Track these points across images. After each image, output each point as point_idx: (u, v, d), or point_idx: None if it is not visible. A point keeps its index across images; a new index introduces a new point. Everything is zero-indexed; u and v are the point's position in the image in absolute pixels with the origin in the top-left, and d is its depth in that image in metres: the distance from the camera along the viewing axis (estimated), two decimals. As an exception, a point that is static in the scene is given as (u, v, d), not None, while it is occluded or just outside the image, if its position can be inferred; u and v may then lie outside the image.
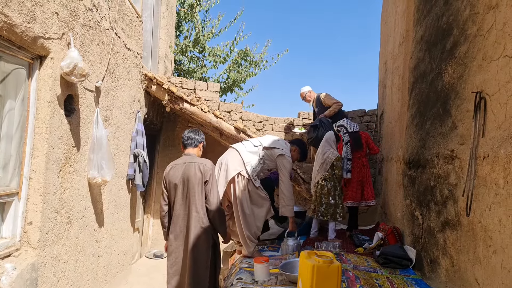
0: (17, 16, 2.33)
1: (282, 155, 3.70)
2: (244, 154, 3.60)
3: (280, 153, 3.70)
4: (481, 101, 1.94)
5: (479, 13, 2.08)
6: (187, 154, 3.24)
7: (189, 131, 3.35)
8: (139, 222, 5.71)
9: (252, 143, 3.77)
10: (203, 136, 3.36)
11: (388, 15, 5.64)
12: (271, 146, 3.71)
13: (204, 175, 3.07)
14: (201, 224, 3.00)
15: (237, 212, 3.47)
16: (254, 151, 3.66)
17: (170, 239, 3.08)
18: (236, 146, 3.75)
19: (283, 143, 3.86)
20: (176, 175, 3.14)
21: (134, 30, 4.66)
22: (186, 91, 5.58)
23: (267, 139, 3.85)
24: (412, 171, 3.30)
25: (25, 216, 2.67)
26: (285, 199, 3.61)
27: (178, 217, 3.07)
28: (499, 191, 1.69)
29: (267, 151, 3.69)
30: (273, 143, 3.76)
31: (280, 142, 3.85)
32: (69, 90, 3.05)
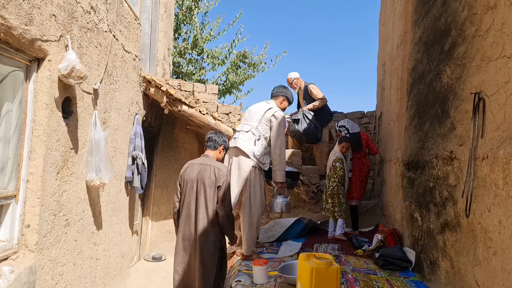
0: (14, 19, 2.33)
1: (273, 115, 3.46)
2: (246, 147, 3.39)
3: (272, 113, 3.46)
4: (480, 102, 1.94)
5: (477, 14, 2.08)
6: (205, 156, 3.25)
7: (211, 132, 3.37)
8: (137, 225, 5.69)
9: (243, 130, 3.51)
10: (224, 139, 3.33)
11: (386, 17, 5.65)
12: (259, 120, 3.48)
13: (218, 179, 3.06)
14: (210, 227, 3.01)
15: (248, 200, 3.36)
16: (249, 137, 3.43)
17: (178, 239, 3.10)
18: (234, 143, 3.50)
19: (265, 105, 3.59)
20: (191, 174, 3.14)
21: (132, 32, 4.65)
22: (184, 93, 5.57)
23: (252, 117, 3.55)
24: (411, 172, 3.30)
25: (22, 218, 2.65)
26: (275, 162, 3.36)
27: (188, 217, 3.08)
28: (498, 192, 1.69)
29: (260, 126, 3.47)
30: (259, 116, 3.50)
31: (261, 107, 3.58)
32: (67, 92, 3.04)
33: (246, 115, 3.67)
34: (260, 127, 3.43)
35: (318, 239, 4.27)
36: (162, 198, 6.25)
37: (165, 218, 6.22)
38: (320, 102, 5.59)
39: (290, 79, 5.90)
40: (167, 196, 6.24)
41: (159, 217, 6.24)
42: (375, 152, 4.87)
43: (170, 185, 6.26)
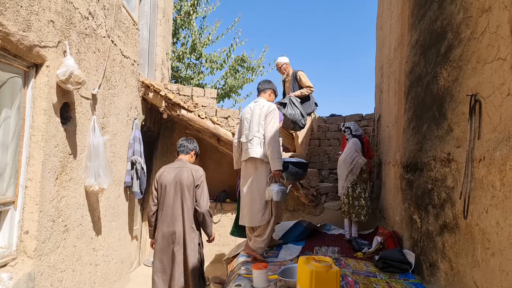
0: (12, 25, 2.34)
1: (267, 110, 3.48)
2: (258, 153, 3.42)
3: (266, 109, 3.48)
4: (476, 104, 1.95)
5: (473, 17, 2.10)
6: (179, 160, 3.59)
7: (182, 139, 3.71)
8: (137, 230, 5.68)
9: (249, 139, 3.50)
10: (195, 145, 3.71)
11: (383, 20, 5.68)
12: (259, 123, 3.49)
13: (195, 180, 3.44)
14: (191, 224, 3.43)
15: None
16: (257, 143, 3.44)
17: (158, 238, 3.43)
18: (247, 155, 3.49)
19: (258, 107, 3.58)
20: (168, 177, 3.45)
21: (130, 37, 4.67)
22: (183, 97, 5.58)
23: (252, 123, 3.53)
24: (410, 174, 3.30)
25: (21, 225, 2.65)
26: (274, 150, 3.36)
27: (167, 217, 3.39)
28: (495, 193, 1.69)
29: (261, 128, 3.47)
30: (257, 119, 3.50)
31: (255, 111, 3.55)
32: (65, 98, 3.05)
33: (244, 124, 3.64)
34: (261, 129, 3.49)
35: (318, 242, 4.26)
36: (161, 203, 6.24)
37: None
38: (308, 90, 5.58)
39: (279, 64, 5.85)
40: (167, 201, 6.23)
41: (159, 222, 6.23)
42: (371, 157, 4.98)
43: (169, 190, 6.25)
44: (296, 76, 5.67)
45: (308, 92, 5.58)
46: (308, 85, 5.58)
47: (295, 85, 5.67)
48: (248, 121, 3.59)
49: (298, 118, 5.39)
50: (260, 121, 3.48)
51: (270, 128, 3.42)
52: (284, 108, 5.44)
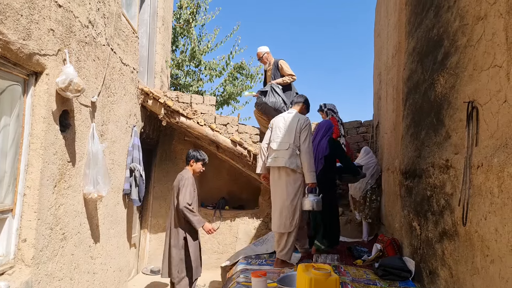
0: (12, 33, 2.35)
1: (303, 123, 3.72)
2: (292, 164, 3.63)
3: (302, 123, 3.72)
4: (473, 111, 1.96)
5: (469, 24, 2.12)
6: (185, 168, 4.34)
7: (190, 150, 4.40)
8: (135, 238, 5.65)
9: (282, 148, 3.69)
10: (194, 154, 4.29)
11: (381, 28, 5.72)
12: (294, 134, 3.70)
13: (180, 182, 4.09)
14: (176, 221, 4.09)
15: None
16: (291, 153, 3.66)
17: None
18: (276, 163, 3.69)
19: (293, 118, 3.80)
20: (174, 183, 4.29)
21: (130, 45, 4.70)
22: (182, 105, 5.60)
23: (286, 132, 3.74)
24: (409, 181, 3.30)
25: (19, 233, 2.64)
26: (307, 164, 3.63)
27: (168, 215, 4.31)
28: (494, 200, 1.70)
29: (295, 140, 3.69)
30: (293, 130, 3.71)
31: (291, 122, 3.77)
32: (65, 105, 3.05)
33: (276, 132, 3.83)
34: (295, 141, 3.69)
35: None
36: (160, 211, 6.22)
37: (164, 230, 6.17)
38: (290, 78, 5.57)
39: (260, 53, 5.83)
40: (165, 208, 6.21)
41: (158, 230, 6.20)
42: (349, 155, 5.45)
43: (168, 197, 6.23)
44: (277, 65, 5.66)
45: (290, 80, 5.58)
46: (290, 73, 5.57)
47: (277, 74, 5.66)
48: (281, 130, 3.80)
49: (281, 105, 5.38)
50: (295, 133, 3.70)
51: (305, 142, 3.67)
52: (265, 96, 5.43)
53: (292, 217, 3.57)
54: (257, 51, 5.91)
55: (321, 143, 4.25)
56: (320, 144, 4.24)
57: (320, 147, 4.22)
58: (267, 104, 5.40)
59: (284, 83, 5.56)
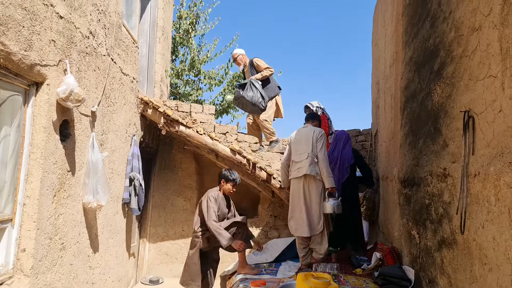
0: (14, 45, 2.38)
1: (319, 134, 4.08)
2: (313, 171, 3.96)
3: (317, 134, 4.06)
4: (470, 120, 1.98)
5: (464, 35, 2.15)
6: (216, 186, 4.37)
7: (223, 169, 4.35)
8: (134, 247, 5.63)
9: (303, 158, 4.01)
10: (224, 174, 4.23)
11: (378, 37, 5.78)
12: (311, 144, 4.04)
13: (202, 200, 4.10)
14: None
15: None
16: (310, 162, 3.97)
17: None
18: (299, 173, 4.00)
19: (309, 130, 4.14)
20: None
21: (130, 55, 4.74)
22: (181, 114, 5.62)
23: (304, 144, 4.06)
24: (408, 189, 3.31)
25: (18, 243, 2.64)
26: (325, 170, 3.97)
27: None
28: (491, 208, 1.71)
29: (313, 149, 4.02)
30: (310, 141, 4.05)
31: (308, 134, 4.10)
32: (65, 115, 3.08)
33: (295, 147, 4.18)
34: (313, 150, 4.04)
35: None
36: (159, 220, 6.20)
37: (163, 239, 6.16)
38: (268, 71, 5.64)
39: (235, 55, 5.94)
40: (165, 218, 6.20)
41: (157, 239, 6.18)
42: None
43: (167, 206, 6.22)
44: (253, 63, 5.76)
45: (268, 73, 5.65)
46: (268, 67, 5.65)
47: (254, 73, 5.76)
48: (299, 143, 4.14)
49: (258, 100, 5.46)
50: (312, 142, 4.06)
51: (321, 150, 4.02)
52: (243, 90, 5.48)
53: (318, 220, 3.95)
54: (233, 52, 5.99)
55: (344, 153, 4.58)
56: (343, 154, 4.57)
57: (344, 156, 4.55)
58: (245, 98, 5.45)
59: (263, 78, 5.63)
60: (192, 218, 6.11)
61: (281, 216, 5.92)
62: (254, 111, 5.77)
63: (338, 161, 4.49)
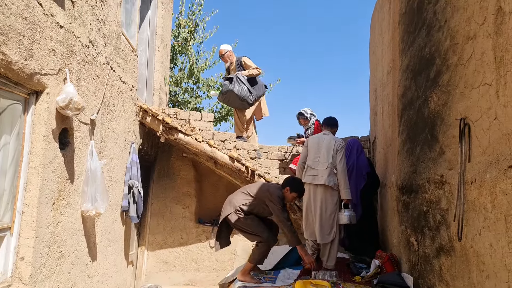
0: (14, 54, 2.41)
1: (340, 146, 4.13)
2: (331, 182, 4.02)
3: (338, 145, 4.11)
4: (465, 127, 2.00)
5: (459, 44, 2.19)
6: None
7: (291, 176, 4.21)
8: (133, 255, 5.61)
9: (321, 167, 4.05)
10: (292, 182, 3.85)
11: (376, 46, 5.84)
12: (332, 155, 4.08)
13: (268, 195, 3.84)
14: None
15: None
16: (329, 172, 4.03)
17: None
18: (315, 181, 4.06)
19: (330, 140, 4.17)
20: None
21: (129, 64, 4.77)
22: (180, 121, 5.64)
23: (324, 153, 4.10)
24: (406, 196, 3.33)
25: (17, 251, 2.63)
26: (343, 182, 4.05)
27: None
28: (488, 215, 1.72)
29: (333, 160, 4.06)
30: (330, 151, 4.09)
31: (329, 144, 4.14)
32: (64, 123, 3.09)
33: (313, 152, 4.16)
34: (333, 161, 4.09)
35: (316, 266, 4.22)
36: (158, 227, 6.18)
37: (161, 247, 6.13)
38: (256, 70, 5.62)
39: (222, 51, 5.90)
40: (163, 225, 6.18)
41: (155, 247, 6.16)
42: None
43: (166, 214, 6.21)
44: (240, 62, 5.73)
45: (255, 72, 5.64)
46: (256, 67, 5.64)
47: (240, 69, 5.75)
48: (319, 150, 4.16)
49: (246, 94, 5.44)
50: (333, 154, 4.11)
51: (341, 162, 4.08)
52: (231, 83, 5.46)
53: (330, 229, 4.00)
54: (220, 48, 5.94)
55: (359, 161, 4.64)
56: (359, 161, 4.63)
57: (361, 163, 4.62)
58: (233, 91, 5.41)
59: (250, 75, 5.61)
60: (190, 224, 6.13)
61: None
62: (241, 106, 5.71)
63: (354, 169, 4.55)
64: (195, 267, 6.03)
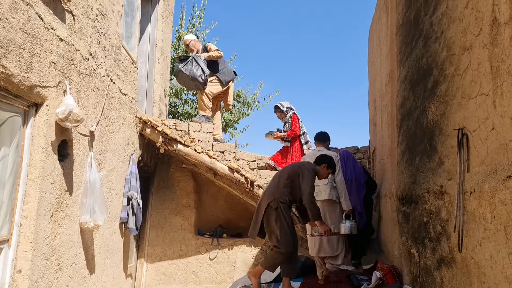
0: (14, 67, 2.42)
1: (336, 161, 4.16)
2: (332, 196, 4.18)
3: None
4: (464, 137, 2.00)
5: (455, 54, 2.20)
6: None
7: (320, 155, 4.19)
8: (132, 268, 5.55)
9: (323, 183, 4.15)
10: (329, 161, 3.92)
11: (374, 56, 5.88)
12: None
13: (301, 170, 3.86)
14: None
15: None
16: (330, 187, 4.17)
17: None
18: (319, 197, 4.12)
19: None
20: None
21: (129, 75, 4.80)
22: (180, 132, 5.65)
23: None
24: (406, 207, 3.31)
25: (14, 264, 2.61)
26: (343, 194, 4.20)
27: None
28: (487, 226, 1.71)
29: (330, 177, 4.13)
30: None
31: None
32: (64, 135, 3.09)
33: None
34: (333, 176, 4.18)
35: (316, 278, 4.18)
36: (157, 239, 6.13)
37: (161, 259, 6.08)
38: (216, 53, 5.64)
39: (186, 41, 5.93)
40: (163, 237, 6.13)
41: (154, 259, 6.10)
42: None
43: (165, 226, 6.17)
44: (205, 47, 5.77)
45: (215, 54, 5.64)
46: (217, 49, 5.65)
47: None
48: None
49: (197, 73, 5.41)
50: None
51: (338, 175, 4.22)
52: (182, 63, 5.46)
53: (337, 241, 4.17)
54: (184, 39, 5.99)
55: (356, 170, 4.75)
56: (356, 171, 4.74)
57: (358, 174, 4.73)
58: (183, 72, 5.40)
59: (209, 57, 5.62)
60: (189, 236, 6.08)
61: (280, 235, 5.86)
62: (195, 87, 5.70)
63: (353, 179, 4.65)
64: (195, 279, 5.96)
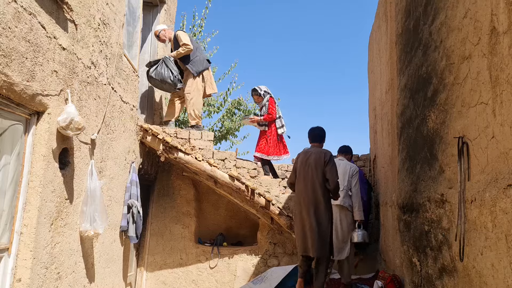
0: (17, 75, 2.44)
1: (353, 173, 4.56)
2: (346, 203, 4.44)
3: (353, 170, 4.59)
4: (464, 146, 2.01)
5: (455, 63, 2.22)
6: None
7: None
8: (131, 276, 5.52)
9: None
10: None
11: (374, 65, 5.92)
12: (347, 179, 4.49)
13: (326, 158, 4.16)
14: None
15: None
16: (344, 194, 4.40)
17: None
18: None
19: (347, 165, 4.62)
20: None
21: (130, 84, 4.83)
22: (180, 140, 5.66)
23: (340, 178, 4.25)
24: (407, 215, 3.30)
25: (14, 272, 2.60)
26: (357, 204, 4.47)
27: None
28: (488, 235, 1.70)
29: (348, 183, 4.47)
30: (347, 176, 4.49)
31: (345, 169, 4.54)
32: (65, 143, 3.10)
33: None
34: (348, 184, 4.51)
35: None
36: (157, 248, 6.10)
37: (160, 268, 6.04)
38: (184, 48, 5.52)
39: (156, 32, 5.78)
40: (163, 245, 6.10)
41: (154, 268, 6.06)
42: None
43: (165, 234, 6.14)
44: (175, 37, 5.66)
45: (184, 50, 5.53)
46: (184, 43, 5.52)
47: (178, 47, 5.70)
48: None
49: (167, 75, 5.37)
50: (348, 177, 4.54)
51: (355, 186, 4.52)
52: (152, 67, 5.43)
53: (347, 247, 4.37)
54: (153, 30, 5.86)
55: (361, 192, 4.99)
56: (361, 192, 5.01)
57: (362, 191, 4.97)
58: (152, 76, 5.40)
59: (178, 55, 5.57)
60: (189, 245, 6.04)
61: (281, 244, 5.84)
62: (169, 89, 5.65)
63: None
64: (195, 288, 5.92)
